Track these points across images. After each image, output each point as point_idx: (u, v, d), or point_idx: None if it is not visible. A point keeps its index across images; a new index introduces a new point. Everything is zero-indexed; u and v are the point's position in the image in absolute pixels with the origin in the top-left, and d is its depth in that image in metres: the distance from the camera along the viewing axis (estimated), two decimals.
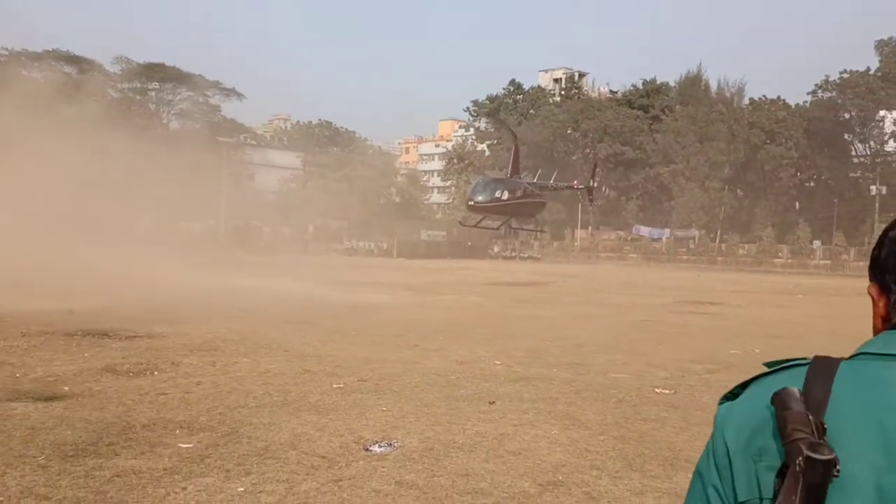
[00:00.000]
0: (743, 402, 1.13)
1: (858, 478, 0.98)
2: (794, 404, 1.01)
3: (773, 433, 1.03)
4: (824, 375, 1.06)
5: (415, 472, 5.50)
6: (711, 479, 1.10)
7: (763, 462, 1.04)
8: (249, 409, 7.36)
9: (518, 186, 33.05)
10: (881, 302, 1.16)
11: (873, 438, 0.99)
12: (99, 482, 5.07)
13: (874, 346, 1.10)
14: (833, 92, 68.46)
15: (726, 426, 1.11)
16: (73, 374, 8.87)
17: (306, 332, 13.62)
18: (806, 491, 0.95)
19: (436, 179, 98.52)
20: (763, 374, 1.14)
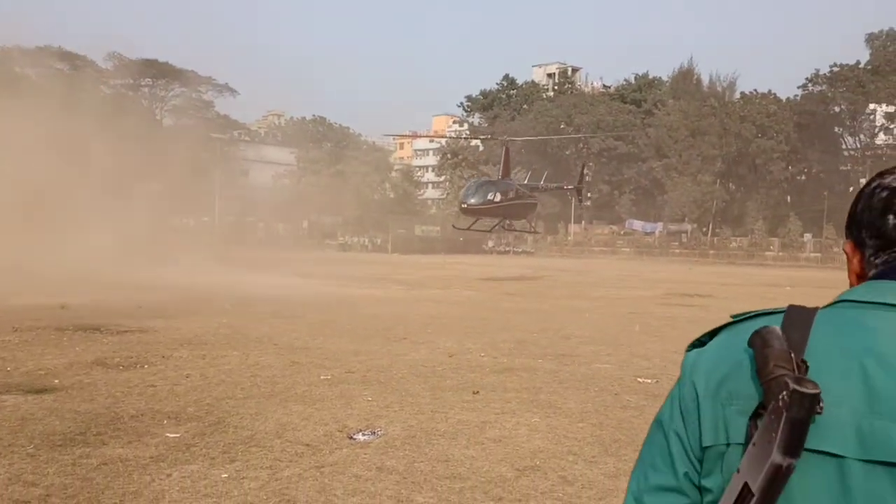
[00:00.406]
0: (714, 347, 1.12)
1: (839, 419, 0.97)
2: (776, 342, 1.00)
3: (748, 376, 1.02)
4: (801, 321, 1.05)
5: (396, 459, 5.64)
6: (674, 425, 1.10)
7: (734, 406, 1.03)
8: (237, 400, 7.49)
9: (510, 188, 33.40)
10: (855, 258, 1.17)
11: (855, 382, 0.99)
12: (86, 469, 5.20)
13: (855, 293, 1.11)
14: (823, 85, 68.73)
15: (695, 372, 1.10)
16: (63, 367, 8.99)
17: (297, 325, 13.74)
18: (789, 426, 0.93)
19: (430, 175, 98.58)
20: (734, 322, 1.14)
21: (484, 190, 32.69)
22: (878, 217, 1.13)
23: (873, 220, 1.13)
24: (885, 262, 1.12)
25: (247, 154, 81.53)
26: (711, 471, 1.05)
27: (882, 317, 1.05)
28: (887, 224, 1.11)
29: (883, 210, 1.12)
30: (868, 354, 1.00)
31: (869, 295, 1.08)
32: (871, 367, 0.99)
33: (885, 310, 1.05)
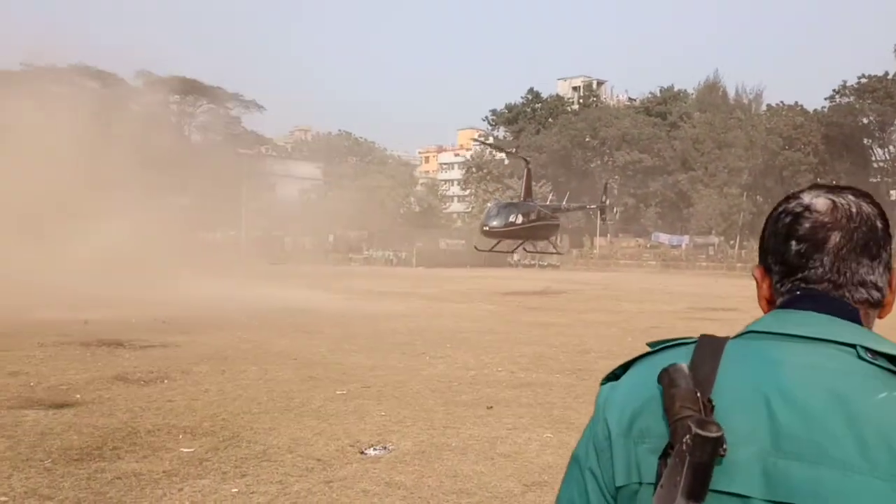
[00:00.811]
0: (626, 382, 1.10)
1: (744, 460, 0.96)
2: (683, 381, 0.98)
3: (660, 413, 1.00)
4: (711, 353, 1.04)
5: (405, 474, 5.69)
6: (589, 462, 1.08)
7: (645, 444, 1.02)
8: (252, 415, 7.59)
9: (532, 210, 33.24)
10: (765, 284, 1.15)
11: (760, 420, 0.98)
12: (100, 484, 5.30)
13: (762, 324, 1.09)
14: (851, 97, 67.98)
15: (608, 408, 1.09)
16: (85, 382, 9.15)
17: (317, 340, 13.85)
18: (692, 471, 0.92)
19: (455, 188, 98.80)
20: (647, 354, 1.12)
21: (506, 213, 32.58)
22: (781, 243, 1.12)
23: (777, 246, 1.12)
24: (790, 290, 1.11)
25: (273, 169, 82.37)
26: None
27: (786, 349, 1.03)
28: (790, 250, 1.10)
29: (786, 236, 1.11)
30: (773, 390, 0.99)
31: (774, 325, 1.07)
32: (776, 404, 0.98)
33: (790, 341, 1.04)
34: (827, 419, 0.96)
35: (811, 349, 1.03)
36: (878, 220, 1.11)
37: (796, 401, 0.98)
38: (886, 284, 1.11)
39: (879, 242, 1.10)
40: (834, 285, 1.08)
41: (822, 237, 1.08)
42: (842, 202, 1.10)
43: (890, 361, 1.02)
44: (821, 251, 1.08)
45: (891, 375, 1.00)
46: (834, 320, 1.06)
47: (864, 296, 1.09)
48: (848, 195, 1.12)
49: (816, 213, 1.09)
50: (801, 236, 1.09)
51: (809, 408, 0.97)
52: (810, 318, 1.06)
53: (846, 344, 1.03)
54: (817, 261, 1.08)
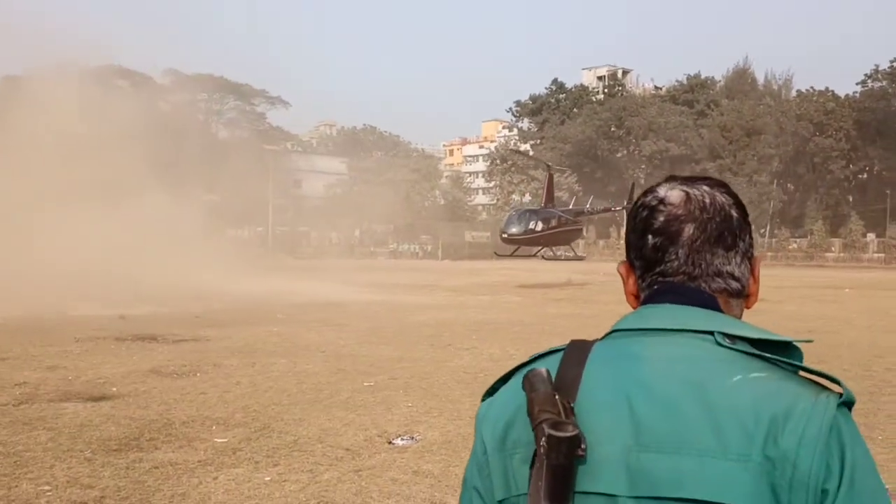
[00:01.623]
0: (501, 395, 1.10)
1: (608, 458, 0.96)
2: (541, 385, 0.98)
3: (526, 422, 0.98)
4: (577, 357, 1.04)
5: (432, 463, 5.82)
6: (473, 481, 1.08)
7: (517, 455, 1.01)
8: (283, 407, 7.76)
9: (552, 216, 32.62)
10: (630, 279, 1.15)
11: (622, 417, 0.98)
12: (138, 473, 5.50)
13: (625, 322, 1.10)
14: (884, 81, 66.92)
15: (483, 424, 1.09)
16: (121, 376, 9.40)
17: (344, 333, 14.04)
18: (550, 473, 0.92)
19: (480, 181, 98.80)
20: (522, 365, 1.12)
21: (525, 220, 32.07)
22: (639, 238, 1.11)
23: (636, 241, 1.12)
24: (649, 284, 1.11)
25: (299, 164, 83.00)
26: None
27: (646, 343, 1.04)
28: (647, 244, 1.10)
29: (643, 230, 1.11)
30: (633, 386, 0.99)
31: (636, 322, 1.08)
32: (636, 399, 0.98)
33: (651, 335, 1.05)
34: (684, 408, 0.96)
35: (670, 340, 1.03)
36: (734, 210, 1.10)
37: (655, 393, 0.98)
38: (747, 273, 1.11)
39: (735, 232, 1.09)
40: (689, 277, 1.08)
41: (676, 230, 1.08)
42: (695, 193, 1.09)
43: (750, 345, 1.02)
44: (675, 244, 1.08)
45: (749, 358, 1.01)
46: (691, 310, 1.06)
47: (721, 285, 1.09)
48: (702, 186, 1.11)
49: (670, 205, 1.09)
50: (657, 230, 1.09)
51: (668, 399, 0.97)
52: (668, 310, 1.07)
53: (704, 332, 1.03)
54: (672, 253, 1.08)
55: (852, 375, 9.83)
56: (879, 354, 11.74)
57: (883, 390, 8.90)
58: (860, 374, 9.95)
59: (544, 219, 32.23)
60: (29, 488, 5.15)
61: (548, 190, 34.41)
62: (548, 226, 32.22)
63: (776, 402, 0.96)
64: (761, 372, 1.00)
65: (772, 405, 0.95)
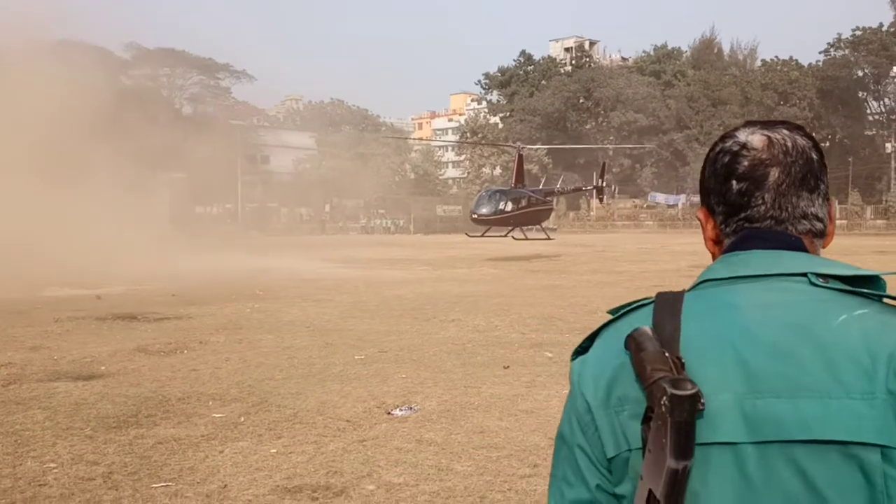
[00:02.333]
0: (596, 353, 1.11)
1: (723, 408, 0.97)
2: (649, 344, 0.99)
3: (633, 378, 1.00)
4: (670, 310, 1.04)
5: (434, 431, 5.90)
6: (576, 439, 1.08)
7: (625, 411, 1.02)
8: (277, 381, 7.78)
9: (522, 196, 32.74)
10: (709, 224, 1.16)
11: (730, 365, 0.99)
12: (142, 449, 5.50)
13: (712, 272, 1.11)
14: (846, 50, 67.82)
15: (582, 381, 1.09)
16: (107, 354, 9.33)
17: (327, 308, 14.04)
18: (675, 431, 0.93)
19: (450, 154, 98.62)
20: (609, 322, 1.13)
21: (495, 200, 32.14)
22: (722, 183, 1.12)
23: (718, 187, 1.12)
24: (734, 230, 1.12)
25: (266, 140, 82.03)
26: (621, 479, 1.04)
27: (741, 291, 1.05)
28: (731, 190, 1.11)
29: (726, 176, 1.11)
30: (737, 333, 1.01)
31: (725, 271, 1.09)
32: (743, 346, 1.00)
33: (743, 283, 1.06)
34: (795, 351, 0.98)
35: (764, 286, 1.05)
36: (813, 153, 1.12)
37: (761, 339, 1.00)
38: (826, 215, 1.13)
39: (816, 174, 1.11)
40: (776, 221, 1.09)
41: (762, 174, 1.09)
42: (777, 137, 1.11)
43: (843, 282, 1.04)
44: (761, 188, 1.09)
45: (846, 296, 1.03)
46: (781, 253, 1.07)
47: (806, 227, 1.11)
48: (782, 129, 1.12)
49: (754, 150, 1.10)
50: (741, 175, 1.10)
51: (775, 344, 0.99)
52: (758, 256, 1.08)
53: (797, 274, 1.05)
54: (759, 198, 1.09)
55: None
56: None
57: None
58: None
59: (514, 199, 32.33)
60: (34, 466, 5.14)
61: (518, 170, 34.53)
62: (518, 206, 32.34)
63: (888, 337, 0.98)
64: (862, 308, 1.01)
65: (885, 341, 0.97)
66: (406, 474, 4.94)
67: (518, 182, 33.86)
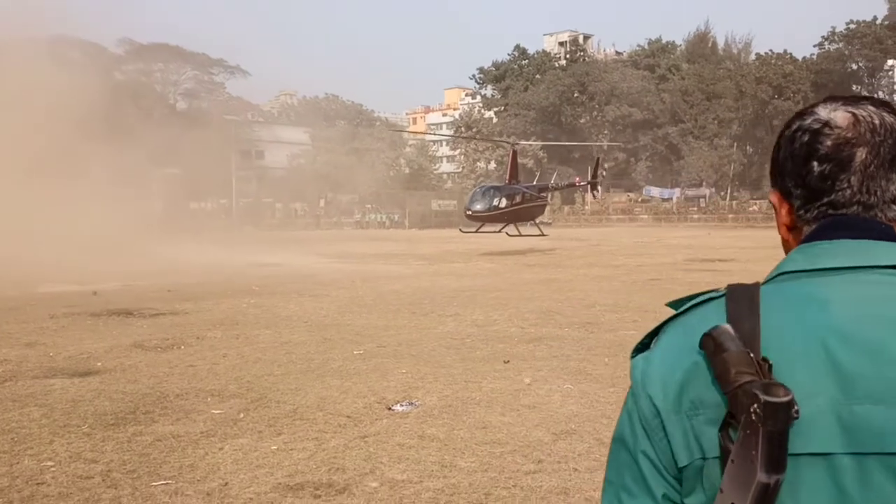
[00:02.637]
0: (662, 351, 1.00)
1: (816, 415, 0.88)
2: (731, 343, 0.90)
3: (709, 380, 0.92)
4: (748, 304, 0.95)
5: (435, 427, 5.84)
6: (640, 445, 0.98)
7: (700, 416, 0.93)
8: (275, 377, 7.72)
9: (516, 192, 32.74)
10: (783, 209, 1.06)
11: (821, 367, 0.90)
12: (141, 446, 5.43)
13: (792, 263, 1.01)
14: (840, 43, 67.88)
15: (648, 382, 0.99)
16: (103, 351, 9.25)
17: (324, 303, 13.97)
18: (768, 441, 0.84)
19: (445, 149, 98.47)
20: (675, 316, 1.02)
21: (489, 196, 32.15)
22: (801, 164, 1.01)
23: (796, 168, 1.02)
24: (816, 217, 1.02)
25: (261, 135, 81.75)
26: (693, 489, 0.95)
27: (828, 285, 0.95)
28: (812, 172, 1.00)
29: (806, 156, 1.00)
30: (827, 332, 0.91)
31: (807, 262, 0.99)
32: (834, 346, 0.90)
33: (829, 275, 0.97)
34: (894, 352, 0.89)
35: (853, 279, 0.95)
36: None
37: (855, 339, 0.90)
38: None
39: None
40: (864, 206, 0.98)
41: (847, 155, 0.98)
42: (863, 114, 0.99)
43: None
44: (847, 170, 0.98)
45: None
46: (871, 244, 0.97)
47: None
48: (868, 105, 1.01)
49: (838, 128, 0.99)
50: (824, 155, 0.99)
51: (872, 343, 0.89)
52: (845, 246, 0.98)
53: (890, 267, 0.96)
54: (844, 182, 0.98)
55: None
56: None
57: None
58: None
59: (508, 195, 32.36)
60: (31, 464, 5.07)
61: (512, 166, 34.56)
62: (512, 202, 32.37)
63: None
64: None
65: None
66: (409, 471, 4.88)
67: (512, 178, 33.91)
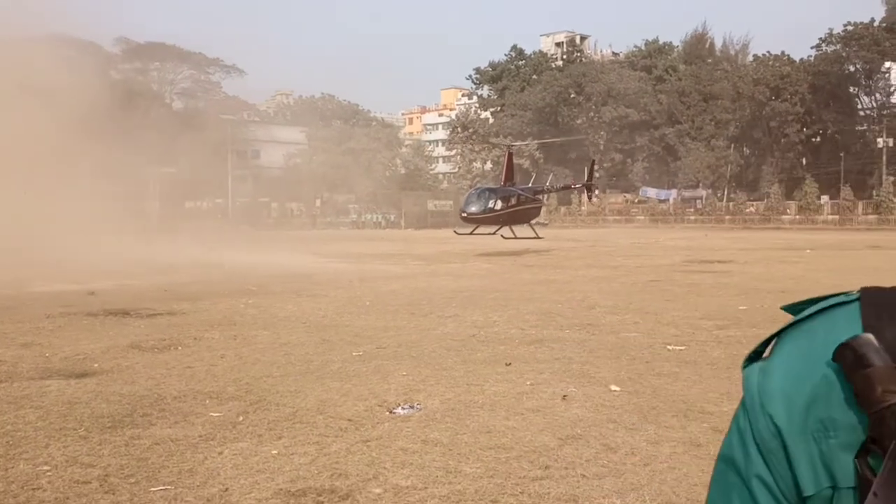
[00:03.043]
0: (783, 362, 0.86)
1: None
2: (876, 357, 0.76)
3: (842, 398, 0.79)
4: (889, 312, 0.80)
5: (439, 431, 5.74)
6: (754, 468, 0.85)
7: (832, 439, 0.80)
8: (274, 379, 7.61)
9: (511, 195, 32.48)
10: None
11: None
12: (139, 450, 5.32)
13: None
14: (838, 45, 67.93)
15: (768, 398, 0.85)
16: (100, 351, 9.13)
17: (322, 304, 13.86)
18: None
19: (441, 149, 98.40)
20: (795, 322, 0.87)
21: (485, 198, 31.93)
22: None
23: None
24: None
25: (257, 135, 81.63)
26: None
27: None
28: None
29: None
30: None
31: None
32: None
33: None
34: None
35: None
36: None
37: None
38: None
39: None
40: None
41: None
42: None
43: None
44: None
45: None
46: None
47: None
48: None
49: None
50: None
51: None
52: None
53: None
54: None
55: None
56: None
57: None
58: None
59: (503, 197, 32.12)
60: (27, 469, 4.95)
61: (507, 168, 34.31)
62: (507, 204, 32.15)
63: None
64: None
65: None
66: (413, 476, 4.78)
67: (508, 180, 33.61)
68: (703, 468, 4.87)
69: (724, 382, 7.26)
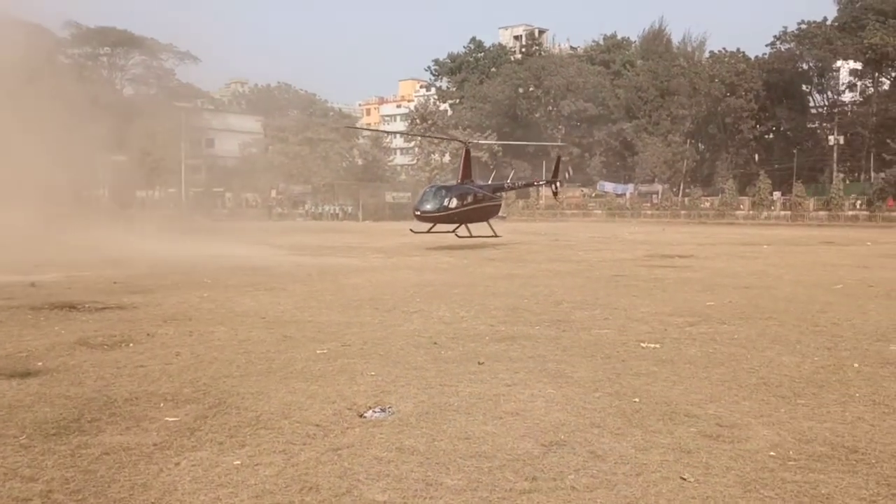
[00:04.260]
0: None
1: None
2: None
3: None
4: None
5: (414, 438, 5.37)
6: None
7: None
8: (235, 379, 7.15)
9: (468, 193, 30.94)
10: None
11: None
12: (87, 461, 4.85)
13: None
14: (792, 43, 69.01)
15: None
16: (45, 348, 8.55)
17: (280, 298, 13.36)
18: None
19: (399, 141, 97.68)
20: None
21: (440, 197, 30.30)
22: None
23: None
24: None
25: (211, 123, 79.95)
26: None
27: None
28: None
29: None
30: None
31: None
32: None
33: None
34: None
35: None
36: None
37: None
38: None
39: None
40: None
41: None
42: None
43: None
44: None
45: None
46: None
47: None
48: None
49: None
50: None
51: None
52: None
53: None
54: None
55: (804, 330, 9.88)
56: (821, 310, 11.87)
57: (839, 345, 8.91)
58: (811, 329, 9.99)
59: (459, 195, 30.58)
60: None
61: (464, 165, 32.76)
62: (463, 203, 30.61)
63: None
64: None
65: None
66: (391, 490, 4.40)
67: (465, 177, 32.24)
68: (698, 478, 4.59)
69: (704, 383, 7.03)
